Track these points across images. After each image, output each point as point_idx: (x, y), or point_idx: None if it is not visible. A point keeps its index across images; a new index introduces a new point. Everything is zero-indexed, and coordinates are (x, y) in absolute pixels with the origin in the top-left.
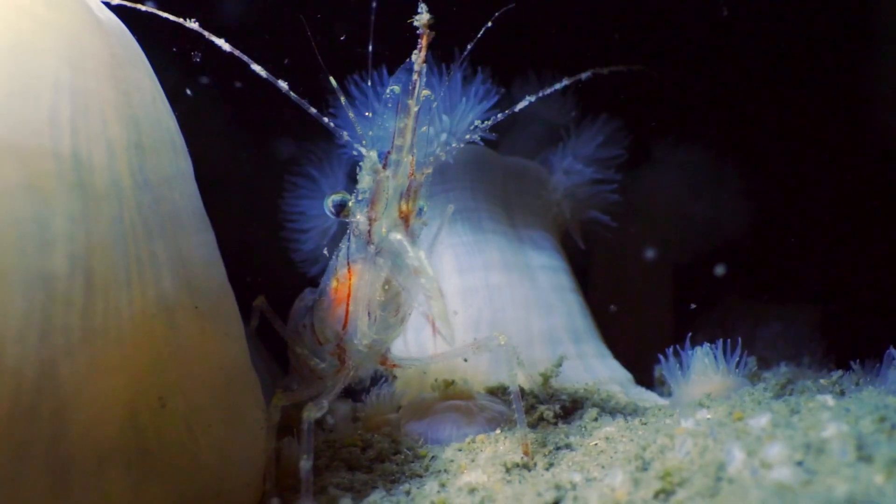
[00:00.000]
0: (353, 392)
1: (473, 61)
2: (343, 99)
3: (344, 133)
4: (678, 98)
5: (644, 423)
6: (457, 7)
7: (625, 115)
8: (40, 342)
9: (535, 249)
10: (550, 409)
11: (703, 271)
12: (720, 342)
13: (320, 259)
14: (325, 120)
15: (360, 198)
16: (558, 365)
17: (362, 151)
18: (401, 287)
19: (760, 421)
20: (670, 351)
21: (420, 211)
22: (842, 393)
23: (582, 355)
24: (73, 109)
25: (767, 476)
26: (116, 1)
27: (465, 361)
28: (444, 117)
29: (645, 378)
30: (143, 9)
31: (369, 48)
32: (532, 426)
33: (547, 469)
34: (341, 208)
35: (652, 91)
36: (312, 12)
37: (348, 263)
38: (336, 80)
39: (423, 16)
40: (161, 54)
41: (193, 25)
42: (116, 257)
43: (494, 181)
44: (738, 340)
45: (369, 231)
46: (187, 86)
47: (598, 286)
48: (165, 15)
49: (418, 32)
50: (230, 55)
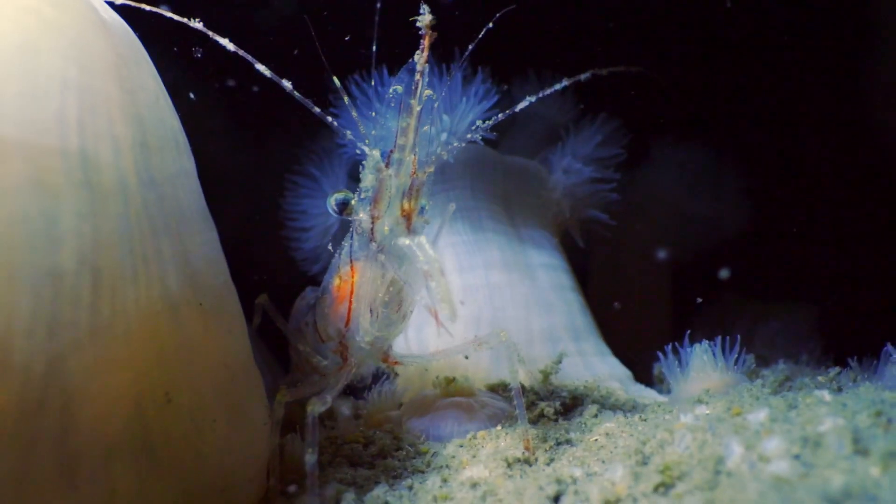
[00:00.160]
0: (355, 390)
1: (474, 61)
2: (346, 98)
3: (347, 132)
4: (678, 97)
5: (644, 420)
6: (458, 7)
7: (624, 115)
8: (48, 338)
9: (536, 248)
10: (551, 406)
11: (703, 270)
12: (718, 339)
13: (321, 257)
14: (329, 119)
15: (363, 196)
16: (558, 362)
17: (365, 150)
18: (403, 282)
19: (758, 416)
20: (669, 348)
21: (422, 209)
22: (839, 389)
23: (582, 353)
24: (80, 108)
25: (765, 469)
26: (120, 1)
27: (466, 359)
28: (445, 117)
29: (644, 376)
30: (148, 8)
31: (372, 49)
32: (533, 422)
33: (548, 464)
34: (344, 207)
35: (652, 90)
36: (316, 12)
37: (351, 261)
38: (339, 80)
39: (426, 17)
40: (163, 53)
41: (198, 25)
42: (123, 254)
43: (495, 180)
44: (737, 338)
45: (372, 229)
46: (189, 85)
47: (598, 285)
48: (170, 15)
49: (420, 33)
50: (232, 54)
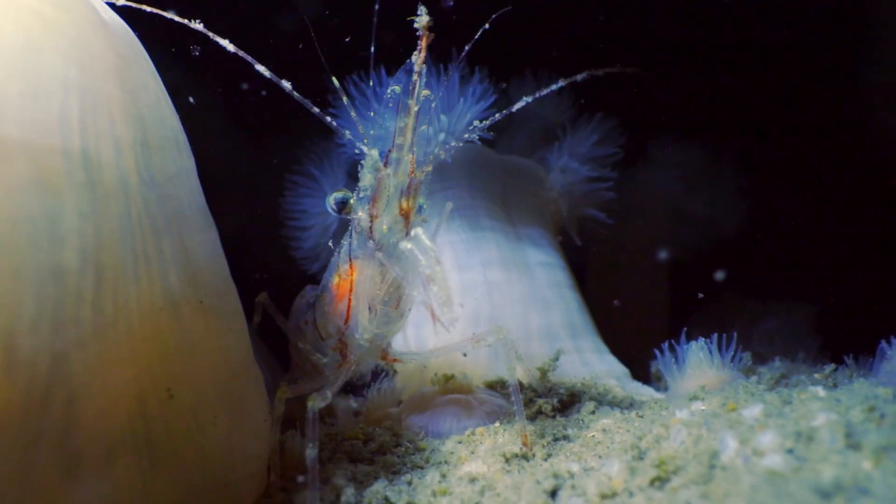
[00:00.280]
0: (355, 387)
1: (471, 61)
2: (345, 99)
3: (346, 132)
4: (675, 96)
5: (640, 416)
6: (456, 7)
7: (622, 114)
8: (52, 335)
9: (533, 246)
10: (549, 403)
11: (701, 269)
12: (715, 337)
13: (321, 256)
14: (328, 119)
15: (362, 195)
16: (555, 359)
17: (364, 150)
18: (401, 280)
19: (753, 411)
20: (666, 346)
21: (420, 208)
22: (835, 386)
23: (579, 350)
24: (82, 108)
25: (759, 463)
26: (121, 2)
27: (465, 356)
28: (443, 117)
29: (642, 374)
30: (148, 9)
31: (371, 50)
32: (531, 419)
33: (545, 459)
34: (343, 206)
35: (649, 90)
36: (314, 13)
37: (350, 260)
38: (338, 81)
39: (423, 18)
40: (163, 54)
41: (198, 26)
42: (125, 252)
43: (492, 179)
44: (734, 335)
45: (370, 228)
46: (190, 85)
47: (596, 283)
48: (170, 16)
49: (418, 34)
50: (232, 55)
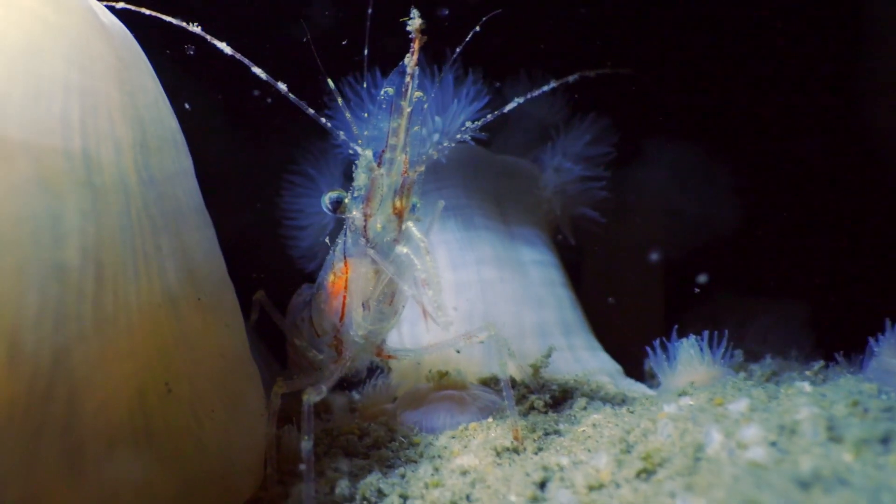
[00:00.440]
0: (351, 384)
1: (466, 62)
2: (340, 100)
3: (341, 133)
4: (669, 96)
5: (631, 412)
6: (451, 9)
7: (616, 113)
8: (55, 330)
9: (527, 245)
10: (541, 399)
11: (695, 267)
12: (706, 334)
13: (318, 255)
14: (323, 120)
15: (356, 195)
16: (547, 356)
17: (358, 150)
18: (395, 278)
19: (739, 406)
20: (657, 343)
21: (413, 207)
22: (825, 382)
23: (572, 347)
24: (83, 110)
25: (743, 456)
26: (120, 5)
27: (458, 353)
28: (437, 118)
29: (636, 372)
30: (147, 12)
31: (364, 52)
32: (523, 415)
33: (536, 453)
34: (338, 205)
35: (643, 89)
36: (310, 15)
37: (345, 258)
38: (333, 82)
39: (416, 21)
40: (161, 55)
41: (196, 29)
42: (124, 250)
43: (487, 179)
44: (725, 332)
45: (365, 226)
46: (187, 86)
47: (591, 282)
48: (169, 19)
49: (410, 37)
50: (229, 57)
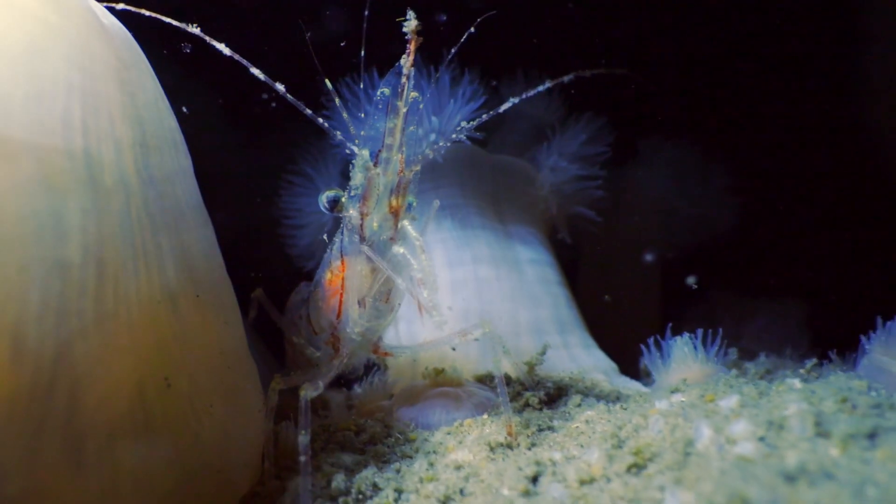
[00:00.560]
0: (348, 381)
1: (462, 63)
2: (337, 101)
3: (338, 133)
4: (665, 96)
5: (624, 409)
6: (446, 10)
7: (612, 113)
8: (57, 325)
9: (523, 244)
10: (536, 396)
11: (690, 266)
12: (700, 332)
13: (316, 254)
14: (320, 121)
15: (353, 194)
16: (542, 353)
17: (355, 150)
18: (391, 275)
19: (730, 402)
20: (652, 341)
21: (409, 206)
22: (818, 379)
23: (567, 345)
24: (84, 111)
25: (732, 451)
26: (120, 6)
27: (454, 350)
28: (434, 118)
29: (632, 370)
30: (147, 13)
31: (361, 53)
32: (518, 412)
33: (529, 448)
34: (335, 204)
35: (639, 89)
36: (309, 16)
37: (341, 256)
38: (330, 82)
39: (412, 22)
40: (160, 55)
41: (195, 30)
42: (125, 248)
43: (483, 178)
44: (719, 330)
45: (361, 225)
46: (187, 86)
47: (588, 280)
48: (168, 20)
49: (407, 38)
50: (228, 57)
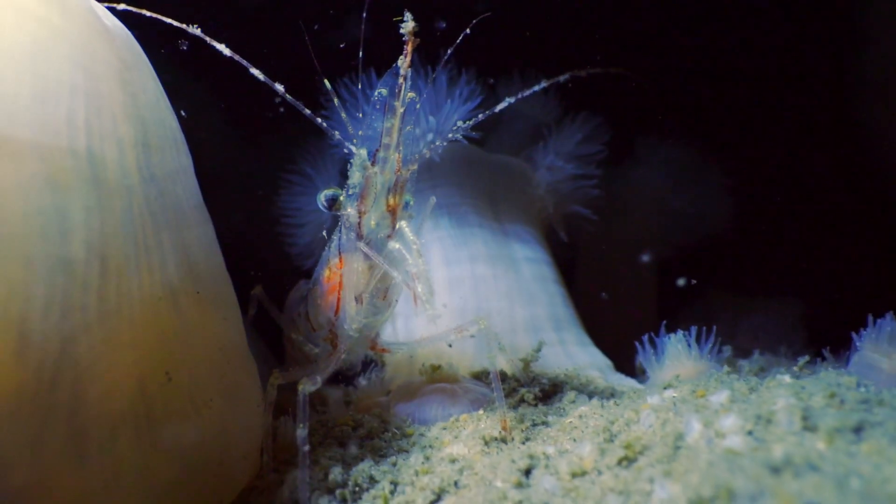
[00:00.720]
0: (346, 378)
1: (460, 63)
2: (336, 101)
3: (336, 133)
4: (662, 95)
5: (617, 405)
6: (444, 10)
7: (609, 112)
8: (61, 320)
9: (520, 242)
10: (531, 392)
11: (686, 265)
12: (694, 329)
13: (315, 252)
14: (319, 120)
15: (351, 192)
16: (538, 350)
17: (353, 150)
18: (388, 270)
19: (720, 397)
20: (646, 338)
21: (406, 204)
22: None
23: (563, 342)
24: (88, 111)
25: (720, 444)
26: (121, 6)
27: (451, 347)
28: (431, 118)
29: (627, 368)
30: (148, 14)
31: (359, 54)
32: (513, 407)
33: (523, 443)
34: (333, 202)
35: (636, 89)
36: (307, 17)
37: (340, 254)
38: (329, 83)
39: (409, 24)
40: (160, 55)
41: (196, 31)
42: (127, 245)
43: (480, 177)
44: (713, 328)
45: (359, 223)
46: (188, 86)
47: (585, 279)
48: (169, 20)
49: (404, 39)
50: (228, 58)
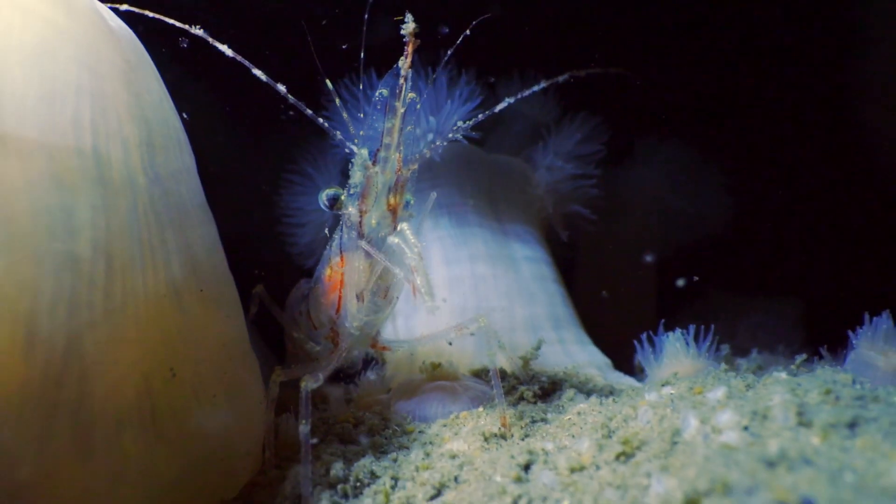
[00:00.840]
0: (347, 376)
1: (460, 63)
2: (337, 101)
3: (337, 133)
4: (661, 95)
5: (616, 402)
6: (444, 10)
7: (609, 113)
8: (68, 316)
9: (519, 242)
10: (530, 390)
11: (686, 265)
12: (692, 328)
13: (316, 252)
14: (321, 121)
15: (352, 192)
16: (537, 348)
17: (354, 149)
18: (388, 269)
19: (717, 393)
20: (645, 337)
21: (407, 203)
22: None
23: (562, 341)
24: (93, 111)
25: (717, 439)
26: (124, 7)
27: (451, 345)
28: (431, 118)
29: (626, 367)
30: (151, 15)
31: (361, 55)
32: (512, 405)
33: (522, 439)
34: (334, 202)
35: (636, 89)
36: (309, 18)
37: (341, 252)
38: (331, 83)
39: (409, 25)
40: (163, 56)
41: (199, 32)
42: (132, 243)
43: (480, 177)
44: (711, 327)
45: (360, 222)
46: (190, 86)
47: (584, 278)
48: (172, 21)
49: (404, 41)
50: (230, 59)
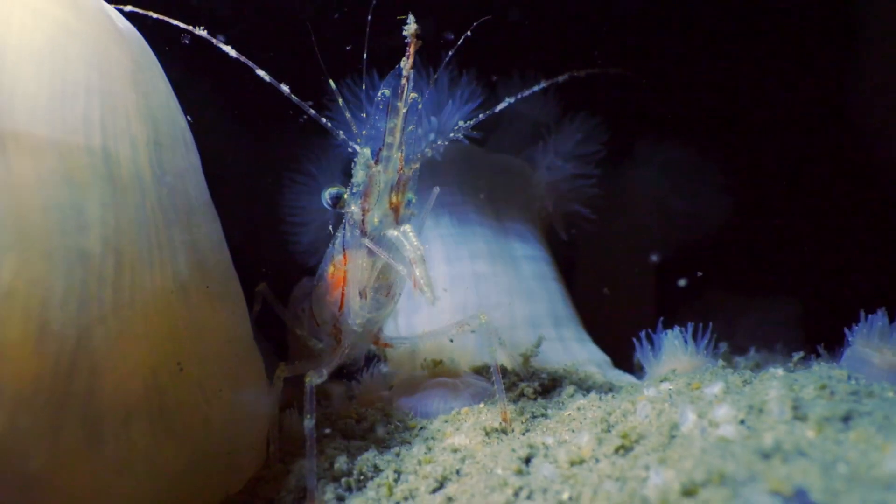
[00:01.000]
0: (349, 373)
1: (461, 64)
2: (340, 101)
3: (340, 132)
4: (660, 95)
5: (615, 397)
6: (447, 12)
7: (608, 113)
8: (78, 311)
9: (520, 240)
10: (530, 386)
11: (685, 264)
12: (690, 326)
13: (319, 250)
14: (323, 120)
15: (355, 191)
16: (537, 345)
17: (357, 149)
18: (390, 262)
19: (714, 389)
20: (643, 335)
21: (408, 202)
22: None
23: (562, 339)
24: (103, 110)
25: (714, 433)
26: (128, 8)
27: (452, 342)
28: (433, 118)
29: (626, 364)
30: (155, 16)
31: (364, 56)
32: (513, 401)
33: (523, 434)
34: (337, 200)
35: (635, 89)
36: (312, 19)
37: (344, 250)
38: (334, 83)
39: (411, 26)
40: (167, 56)
41: (202, 33)
42: (140, 240)
43: (481, 177)
44: (709, 325)
45: (363, 220)
46: (194, 86)
47: (584, 277)
48: (176, 22)
49: (406, 41)
50: (234, 59)
